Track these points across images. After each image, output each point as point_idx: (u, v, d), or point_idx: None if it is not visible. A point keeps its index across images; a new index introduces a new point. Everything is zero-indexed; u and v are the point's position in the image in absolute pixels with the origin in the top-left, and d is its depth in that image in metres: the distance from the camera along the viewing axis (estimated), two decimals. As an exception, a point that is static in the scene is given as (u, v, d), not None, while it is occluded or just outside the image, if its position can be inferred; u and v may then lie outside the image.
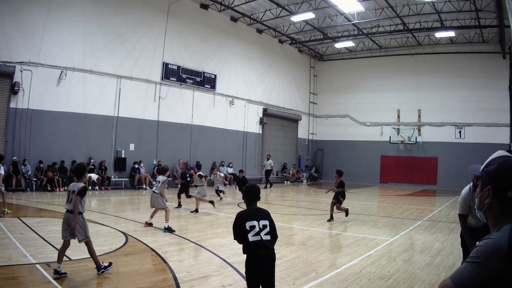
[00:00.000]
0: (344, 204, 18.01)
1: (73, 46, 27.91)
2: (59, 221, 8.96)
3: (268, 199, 27.49)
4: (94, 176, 27.32)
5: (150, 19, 32.13)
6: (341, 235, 13.59)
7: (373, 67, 46.33)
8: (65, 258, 8.76)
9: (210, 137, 36.80)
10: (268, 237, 5.84)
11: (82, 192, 8.84)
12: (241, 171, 26.89)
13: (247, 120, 40.63)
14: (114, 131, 30.25)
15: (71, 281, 8.08)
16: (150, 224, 14.74)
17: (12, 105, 25.38)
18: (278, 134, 45.04)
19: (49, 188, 25.45)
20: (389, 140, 44.39)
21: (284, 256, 10.43)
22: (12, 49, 25.18)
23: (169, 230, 13.78)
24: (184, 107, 34.86)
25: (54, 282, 7.86)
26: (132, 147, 31.27)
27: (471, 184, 7.05)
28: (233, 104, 38.95)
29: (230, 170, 37.16)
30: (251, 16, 37.91)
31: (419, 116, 43.86)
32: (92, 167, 27.70)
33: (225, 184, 28.19)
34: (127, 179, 30.58)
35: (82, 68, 28.30)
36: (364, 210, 21.92)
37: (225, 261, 9.94)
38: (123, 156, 30.39)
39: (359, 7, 33.63)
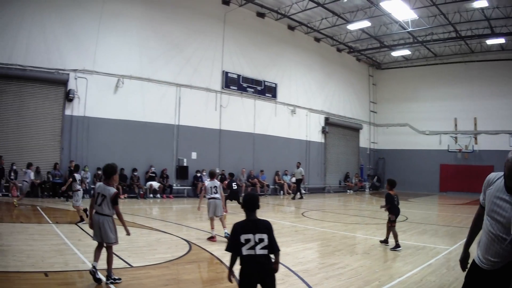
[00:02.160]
0: (406, 213, 17.30)
1: (129, 54, 25.71)
2: (119, 228, 7.92)
3: (333, 208, 25.17)
4: (155, 184, 24.87)
5: (207, 28, 29.47)
6: (403, 244, 12.12)
7: (429, 75, 42.21)
8: (126, 265, 8.69)
9: (272, 146, 33.60)
10: (264, 252, 5.10)
11: (115, 201, 7.77)
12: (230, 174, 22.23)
13: (309, 129, 37.06)
14: (175, 139, 27.61)
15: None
16: (214, 238, 12.52)
17: (67, 112, 23.42)
18: (340, 143, 41.24)
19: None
20: (447, 148, 40.45)
21: (348, 265, 9.71)
22: (65, 57, 23.29)
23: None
24: (246, 116, 31.87)
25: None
26: (194, 155, 28.46)
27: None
28: (294, 113, 35.53)
29: (294, 179, 33.56)
30: (308, 25, 34.57)
31: (475, 124, 39.63)
32: (153, 175, 25.31)
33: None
34: (190, 187, 27.88)
35: (139, 76, 26.01)
36: (425, 219, 20.21)
37: (290, 269, 8.94)
38: (185, 164, 27.65)
39: (413, 15, 30.53)
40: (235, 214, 17.67)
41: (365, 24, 32.73)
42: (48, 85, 23.05)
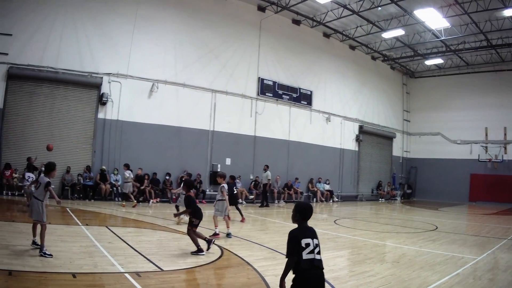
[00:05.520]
0: (435, 223, 17.00)
1: (163, 59, 23.64)
2: (151, 232, 9.41)
3: (364, 216, 23.30)
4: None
5: (242, 34, 27.08)
6: (432, 253, 11.69)
7: (461, 84, 38.57)
8: (156, 269, 8.10)
9: (306, 154, 30.74)
10: (320, 257, 4.81)
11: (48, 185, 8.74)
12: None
13: (343, 137, 33.98)
14: (209, 145, 25.24)
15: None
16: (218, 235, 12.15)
17: (100, 115, 21.56)
18: (374, 152, 37.89)
19: (141, 199, 20.70)
20: (478, 158, 36.86)
21: (378, 273, 8.96)
22: (98, 60, 21.51)
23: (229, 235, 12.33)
24: (281, 123, 29.17)
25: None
26: (228, 161, 26.02)
27: None
28: (329, 121, 32.54)
29: (327, 187, 31.21)
30: (343, 32, 31.69)
31: (505, 134, 35.96)
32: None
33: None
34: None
35: (174, 81, 23.86)
36: (454, 228, 18.91)
37: None
38: (219, 170, 24.65)
39: (445, 23, 27.83)
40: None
41: (399, 32, 29.93)
42: (81, 88, 21.18)
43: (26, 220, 10.37)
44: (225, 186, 13.05)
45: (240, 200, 24.38)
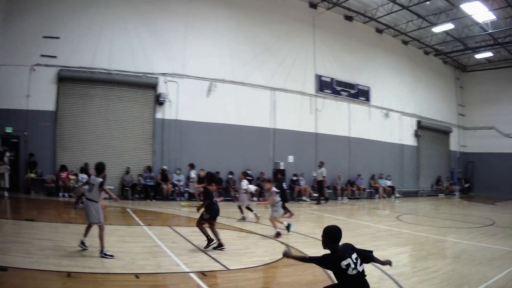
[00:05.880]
0: (493, 218, 15.60)
1: (220, 58, 20.13)
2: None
3: (425, 212, 20.18)
4: (252, 187, 17.94)
5: (296, 31, 22.98)
6: (490, 248, 9.98)
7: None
8: (222, 268, 7.09)
9: (367, 150, 25.96)
10: (362, 267, 4.23)
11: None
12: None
13: (402, 133, 28.88)
14: (271, 143, 21.29)
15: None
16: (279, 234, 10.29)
17: (158, 115, 18.31)
18: (431, 147, 32.25)
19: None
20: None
21: (440, 268, 7.80)
22: (152, 61, 18.63)
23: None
24: (341, 119, 24.68)
25: (208, 290, 5.70)
26: (291, 159, 21.94)
27: None
28: (388, 117, 27.59)
29: (389, 183, 26.34)
30: (395, 28, 27.02)
31: (557, 127, 29.61)
32: (250, 178, 18.94)
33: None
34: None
35: (232, 80, 20.26)
36: (511, 223, 16.30)
37: (385, 273, 6.98)
38: (282, 167, 21.11)
39: (491, 16, 23.27)
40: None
41: (448, 26, 25.22)
42: (136, 89, 18.02)
43: (84, 221, 8.23)
44: (274, 189, 11.14)
45: (304, 198, 20.68)
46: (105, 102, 17.41)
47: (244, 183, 13.91)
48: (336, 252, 4.26)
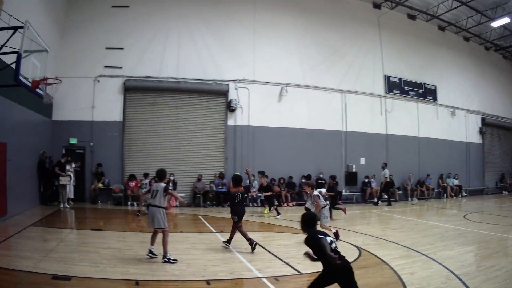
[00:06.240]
0: None
1: (289, 62, 17.10)
2: (288, 235, 7.38)
3: (491, 210, 17.18)
4: (324, 191, 14.89)
5: (362, 33, 19.40)
6: None
7: None
8: (294, 272, 6.15)
9: (435, 149, 21.77)
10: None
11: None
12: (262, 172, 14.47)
13: (468, 131, 24.34)
14: (343, 145, 17.96)
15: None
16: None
17: (230, 122, 15.57)
18: (496, 144, 27.03)
19: (276, 203, 14.32)
20: None
21: (504, 267, 6.61)
22: (221, 68, 16.05)
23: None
24: (409, 119, 20.71)
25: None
26: (362, 161, 18.61)
27: None
28: (454, 115, 23.15)
29: (456, 182, 22.14)
30: (456, 24, 22.79)
31: None
32: (322, 181, 15.36)
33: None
34: (358, 193, 18.52)
35: (303, 84, 17.18)
36: None
37: (453, 273, 6.17)
38: (353, 170, 17.96)
39: None
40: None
41: (505, 20, 21.01)
42: (207, 96, 15.32)
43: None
44: (318, 195, 9.30)
45: (375, 200, 17.38)
46: (175, 110, 14.94)
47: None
48: (317, 232, 4.06)
